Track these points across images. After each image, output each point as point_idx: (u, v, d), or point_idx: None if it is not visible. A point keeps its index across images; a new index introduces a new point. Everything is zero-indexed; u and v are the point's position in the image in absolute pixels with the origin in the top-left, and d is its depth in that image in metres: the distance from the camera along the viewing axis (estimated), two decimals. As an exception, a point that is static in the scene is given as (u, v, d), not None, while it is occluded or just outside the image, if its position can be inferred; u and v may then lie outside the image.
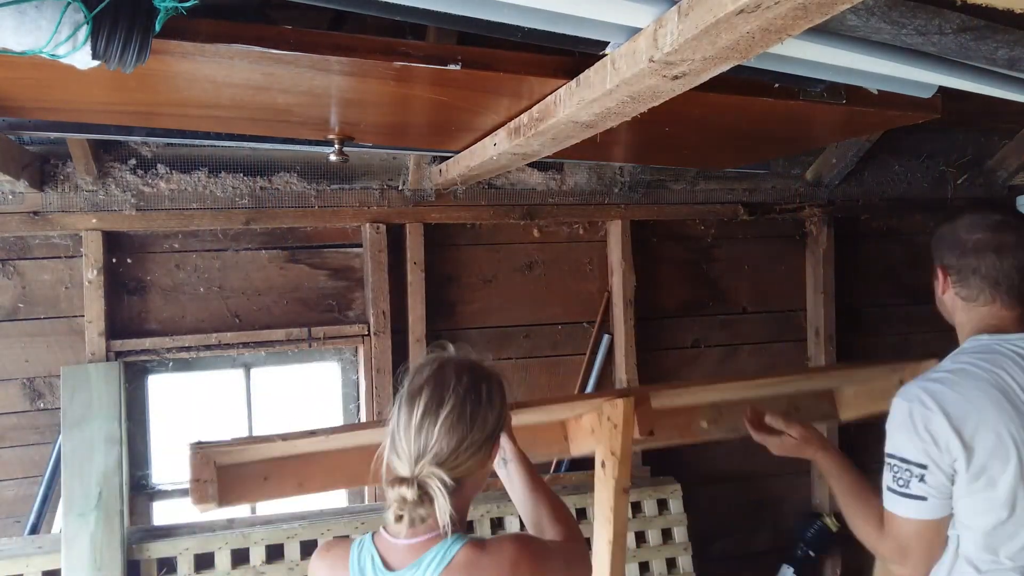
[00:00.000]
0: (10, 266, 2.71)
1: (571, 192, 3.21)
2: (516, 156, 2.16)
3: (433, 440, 1.25)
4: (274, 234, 2.95)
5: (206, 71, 1.60)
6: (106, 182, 2.70)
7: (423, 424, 1.26)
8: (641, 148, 2.69)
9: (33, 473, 2.72)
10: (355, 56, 1.52)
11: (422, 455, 1.25)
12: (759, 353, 3.54)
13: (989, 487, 1.47)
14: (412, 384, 1.32)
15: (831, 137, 2.73)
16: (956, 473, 1.48)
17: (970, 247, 1.63)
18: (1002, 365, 1.53)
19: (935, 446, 1.47)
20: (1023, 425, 1.48)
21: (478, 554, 1.26)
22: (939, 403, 1.48)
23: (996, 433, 1.47)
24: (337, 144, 2.35)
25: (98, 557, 2.50)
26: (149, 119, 2.29)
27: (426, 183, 2.98)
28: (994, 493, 1.47)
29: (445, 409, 1.26)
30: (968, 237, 1.63)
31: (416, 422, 1.27)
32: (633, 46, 1.29)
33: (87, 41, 1.22)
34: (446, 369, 1.33)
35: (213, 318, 2.89)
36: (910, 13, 1.18)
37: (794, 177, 3.51)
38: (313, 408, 3.14)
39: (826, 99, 1.84)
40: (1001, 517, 1.48)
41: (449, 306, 3.15)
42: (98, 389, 2.62)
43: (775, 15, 0.99)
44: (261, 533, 2.70)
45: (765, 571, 3.50)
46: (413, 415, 1.27)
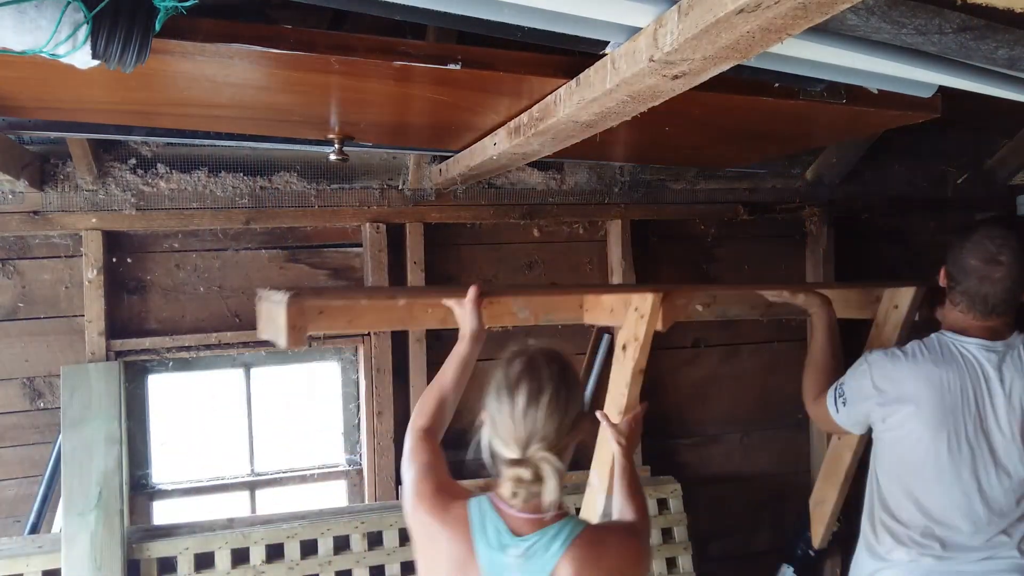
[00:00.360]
0: (10, 266, 2.71)
1: (571, 192, 3.21)
2: (516, 156, 2.16)
3: (539, 425, 1.41)
4: (274, 234, 2.95)
5: (206, 70, 1.60)
6: (106, 182, 2.70)
7: (527, 411, 1.41)
8: (641, 148, 2.70)
9: (33, 473, 2.72)
10: (355, 56, 1.52)
11: (531, 440, 1.41)
12: (759, 353, 3.54)
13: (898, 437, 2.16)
14: (508, 376, 1.47)
15: (831, 137, 2.73)
16: (869, 417, 2.22)
17: (964, 268, 2.09)
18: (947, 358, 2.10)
19: (859, 392, 2.22)
20: (938, 405, 2.07)
21: (602, 536, 1.48)
22: (872, 368, 2.19)
23: (914, 403, 2.09)
24: (337, 144, 2.35)
25: (98, 556, 2.50)
26: (149, 118, 2.30)
27: (426, 183, 2.98)
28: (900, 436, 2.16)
29: (544, 397, 1.42)
30: (966, 260, 2.09)
31: (520, 410, 1.42)
32: (633, 46, 1.29)
33: (87, 40, 1.22)
34: (537, 360, 1.48)
35: (213, 318, 2.89)
36: (910, 13, 1.18)
37: (794, 177, 3.51)
38: (313, 407, 3.14)
39: (826, 99, 1.84)
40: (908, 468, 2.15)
41: (449, 306, 3.15)
42: (98, 389, 2.62)
43: (775, 15, 0.99)
44: (261, 533, 2.70)
45: (765, 571, 3.49)
46: (515, 404, 1.43)
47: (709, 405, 3.48)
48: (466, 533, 1.45)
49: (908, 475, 2.16)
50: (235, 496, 3.01)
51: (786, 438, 3.59)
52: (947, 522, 2.11)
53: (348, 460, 3.13)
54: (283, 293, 1.96)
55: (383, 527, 2.82)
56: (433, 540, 1.51)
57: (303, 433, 3.11)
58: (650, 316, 2.27)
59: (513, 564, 1.41)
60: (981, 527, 2.10)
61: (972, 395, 2.08)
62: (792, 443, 3.59)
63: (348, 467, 3.12)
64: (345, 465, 3.13)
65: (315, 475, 3.09)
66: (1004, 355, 2.11)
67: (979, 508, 2.09)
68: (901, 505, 2.17)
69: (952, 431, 2.07)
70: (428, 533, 1.52)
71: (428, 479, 1.57)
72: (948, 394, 2.07)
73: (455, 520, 1.48)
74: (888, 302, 2.61)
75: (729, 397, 3.51)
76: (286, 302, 1.91)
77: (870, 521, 2.29)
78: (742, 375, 3.53)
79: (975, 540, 2.10)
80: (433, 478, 1.57)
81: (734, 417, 3.53)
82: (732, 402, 3.52)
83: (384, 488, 3.02)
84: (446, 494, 1.53)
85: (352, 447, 3.13)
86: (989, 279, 2.07)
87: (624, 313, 2.38)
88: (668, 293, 2.33)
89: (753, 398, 3.55)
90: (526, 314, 2.27)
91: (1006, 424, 2.09)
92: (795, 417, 3.59)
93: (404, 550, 2.81)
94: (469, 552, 1.44)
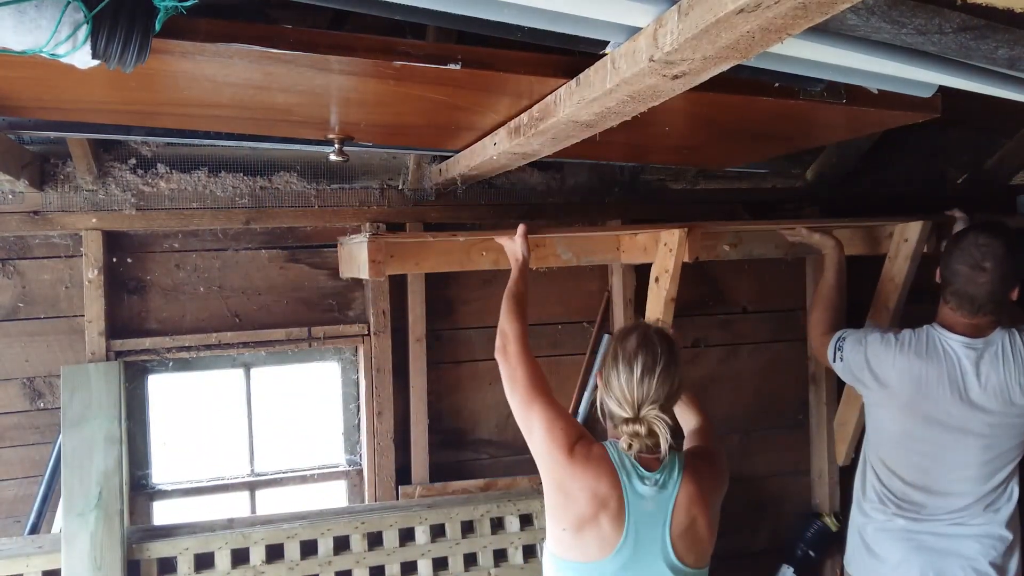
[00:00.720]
0: (10, 266, 2.71)
1: (571, 192, 3.21)
2: (516, 156, 2.16)
3: (652, 390, 1.72)
4: (274, 234, 2.95)
5: (206, 70, 1.60)
6: (106, 181, 2.70)
7: (643, 379, 1.72)
8: (641, 148, 2.70)
9: (33, 473, 2.72)
10: (355, 55, 1.52)
11: (644, 402, 1.72)
12: (759, 352, 3.55)
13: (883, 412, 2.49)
14: (625, 348, 1.76)
15: (831, 136, 2.73)
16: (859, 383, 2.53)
17: (954, 271, 2.31)
18: (931, 352, 2.36)
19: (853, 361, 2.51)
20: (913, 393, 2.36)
21: (696, 459, 1.89)
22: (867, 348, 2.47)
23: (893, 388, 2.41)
24: (337, 144, 2.35)
25: (98, 557, 2.50)
26: (149, 118, 2.29)
27: (426, 183, 2.98)
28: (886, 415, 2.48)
29: (659, 367, 1.72)
30: (955, 264, 2.31)
31: (637, 377, 1.72)
32: (633, 45, 1.28)
33: (87, 40, 1.22)
34: (651, 336, 1.78)
35: (213, 318, 2.89)
36: (910, 12, 1.17)
37: (794, 176, 3.51)
38: (313, 408, 3.14)
39: (826, 98, 1.84)
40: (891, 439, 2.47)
41: (449, 306, 3.16)
42: (98, 389, 2.62)
43: (775, 14, 0.99)
44: (261, 533, 2.70)
45: (765, 571, 3.50)
46: (633, 372, 1.73)
47: (709, 405, 3.44)
48: (612, 471, 1.74)
49: (885, 446, 2.50)
50: (235, 496, 3.01)
51: (786, 438, 3.59)
52: (924, 488, 2.42)
53: (348, 460, 3.13)
54: (363, 235, 2.39)
55: (383, 527, 2.82)
56: (577, 480, 1.75)
57: (303, 433, 3.11)
58: (678, 249, 2.57)
59: (649, 493, 1.75)
60: (953, 498, 2.40)
61: (947, 385, 2.34)
62: (792, 443, 3.59)
63: (348, 467, 3.12)
64: (345, 465, 3.13)
65: (315, 475, 3.10)
66: (983, 352, 2.34)
67: (950, 482, 2.39)
68: (882, 469, 2.51)
69: (924, 415, 2.37)
70: (573, 476, 1.76)
71: (564, 420, 1.83)
72: (924, 385, 2.36)
73: (599, 460, 1.76)
74: (899, 236, 2.90)
75: (729, 397, 3.51)
76: (367, 240, 2.39)
77: (861, 478, 2.61)
78: (742, 375, 3.53)
79: (948, 506, 2.40)
80: (566, 419, 1.84)
81: (734, 417, 3.53)
82: (732, 402, 3.52)
83: (384, 488, 3.02)
84: (584, 438, 1.80)
85: (352, 447, 3.13)
86: (974, 282, 2.28)
87: (656, 250, 2.68)
88: (692, 228, 2.60)
89: (753, 398, 3.55)
90: (569, 255, 2.50)
91: (979, 412, 2.34)
92: (795, 417, 3.60)
93: (404, 550, 2.82)
94: (616, 486, 1.74)
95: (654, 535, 1.75)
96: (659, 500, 1.76)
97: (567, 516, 1.76)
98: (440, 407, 3.14)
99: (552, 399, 1.87)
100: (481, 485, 3.13)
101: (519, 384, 1.90)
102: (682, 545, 1.76)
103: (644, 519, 1.74)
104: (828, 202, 3.50)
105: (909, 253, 2.86)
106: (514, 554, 2.92)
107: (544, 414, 1.83)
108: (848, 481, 3.54)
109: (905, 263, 2.88)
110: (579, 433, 1.82)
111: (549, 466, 1.80)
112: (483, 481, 3.14)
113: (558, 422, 1.81)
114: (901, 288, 2.89)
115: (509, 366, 1.95)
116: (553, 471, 1.79)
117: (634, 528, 1.74)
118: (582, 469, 1.75)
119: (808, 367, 3.57)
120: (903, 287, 2.89)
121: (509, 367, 1.95)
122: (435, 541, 2.86)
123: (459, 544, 2.88)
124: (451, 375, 3.16)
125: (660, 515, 1.76)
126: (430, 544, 2.85)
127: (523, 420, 1.88)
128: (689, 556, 1.78)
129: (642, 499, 1.75)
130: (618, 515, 1.73)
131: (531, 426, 1.85)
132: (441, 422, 3.14)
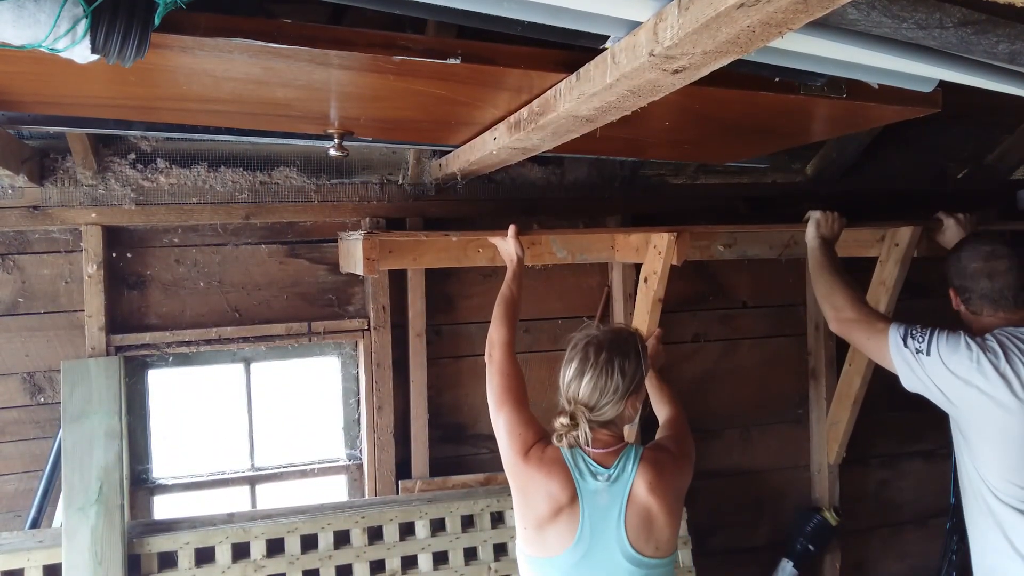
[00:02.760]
0: (10, 261, 2.71)
1: (571, 187, 3.21)
2: (516, 151, 2.16)
3: (579, 393, 1.84)
4: (274, 229, 2.95)
5: (205, 65, 1.60)
6: (106, 176, 2.70)
7: (571, 383, 1.86)
8: (641, 143, 2.69)
9: (33, 468, 2.72)
10: (354, 50, 1.52)
11: (572, 401, 1.85)
12: (759, 347, 3.55)
13: None
14: (569, 353, 1.91)
15: (832, 131, 2.72)
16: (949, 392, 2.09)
17: (970, 274, 2.16)
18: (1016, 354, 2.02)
19: (957, 364, 2.04)
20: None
21: (657, 452, 1.93)
22: (980, 353, 2.04)
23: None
24: (337, 138, 2.34)
25: (99, 551, 2.51)
26: (149, 113, 2.29)
27: (426, 178, 2.97)
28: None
29: (586, 377, 1.84)
30: (968, 267, 2.17)
31: (567, 381, 1.88)
32: (633, 40, 1.28)
33: (86, 35, 1.22)
34: (589, 349, 1.87)
35: (213, 313, 2.90)
36: (911, 7, 1.17)
37: (795, 171, 3.50)
38: (313, 402, 3.14)
39: (827, 93, 1.84)
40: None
41: (449, 301, 3.16)
42: (98, 383, 2.62)
43: (775, 9, 0.99)
44: (261, 527, 2.70)
45: (765, 565, 3.51)
46: (565, 375, 1.88)
47: (709, 400, 3.49)
48: (565, 471, 1.82)
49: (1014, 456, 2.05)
50: (235, 491, 3.02)
51: (785, 433, 3.59)
52: None
53: (348, 455, 3.13)
54: (360, 232, 2.48)
55: (383, 522, 2.83)
56: (532, 481, 1.84)
57: (303, 428, 3.12)
58: (666, 252, 2.62)
59: (602, 487, 1.82)
60: None
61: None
62: (791, 438, 3.59)
63: (348, 462, 3.12)
64: (345, 460, 3.13)
65: (315, 470, 3.10)
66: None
67: None
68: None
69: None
70: (530, 478, 1.85)
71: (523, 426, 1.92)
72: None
73: (552, 461, 1.84)
74: (890, 240, 2.94)
75: (729, 392, 3.52)
76: (362, 237, 2.46)
77: (989, 515, 2.11)
78: (742, 370, 3.53)
79: None
80: (526, 425, 1.92)
81: (734, 412, 3.53)
82: (732, 397, 3.52)
83: (384, 483, 3.03)
84: (541, 441, 1.89)
85: (352, 442, 3.13)
86: (998, 272, 2.14)
87: (647, 250, 2.73)
88: (682, 232, 2.64)
89: (753, 393, 3.55)
90: (564, 253, 2.53)
91: None
92: (795, 412, 3.60)
93: (404, 544, 2.82)
94: (568, 485, 1.81)
95: (608, 528, 1.82)
96: (612, 493, 1.83)
97: (528, 516, 1.87)
98: (440, 402, 3.15)
99: (519, 406, 1.96)
100: (481, 480, 3.13)
101: (493, 392, 2.02)
102: (638, 536, 1.82)
103: (598, 513, 1.82)
104: (828, 197, 3.50)
105: (900, 257, 2.89)
106: (514, 548, 2.92)
107: (507, 420, 1.94)
108: (846, 475, 3.56)
109: (896, 267, 2.91)
110: (538, 437, 1.90)
111: (509, 470, 1.91)
112: (483, 475, 3.15)
113: (517, 428, 1.91)
114: (892, 291, 2.92)
115: (489, 372, 2.06)
116: (513, 474, 1.90)
117: (589, 523, 1.81)
118: (536, 470, 1.84)
119: (808, 362, 3.57)
120: (894, 290, 2.92)
121: (489, 373, 2.06)
122: (435, 535, 2.87)
123: (459, 538, 2.88)
124: (451, 370, 3.16)
125: (614, 508, 1.82)
126: (430, 538, 2.85)
127: (494, 426, 1.99)
128: (647, 546, 1.83)
129: (595, 494, 1.82)
130: (573, 512, 1.81)
131: (498, 432, 1.96)
132: (441, 417, 3.15)
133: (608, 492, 1.83)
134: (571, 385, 1.87)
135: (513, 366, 2.05)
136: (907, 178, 3.62)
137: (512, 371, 2.03)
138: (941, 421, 2.32)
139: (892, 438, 3.73)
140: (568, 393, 1.88)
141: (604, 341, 1.89)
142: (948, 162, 3.69)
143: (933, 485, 3.75)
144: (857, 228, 2.94)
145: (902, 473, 3.78)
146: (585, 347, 1.89)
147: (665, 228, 2.65)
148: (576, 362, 1.88)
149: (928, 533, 3.75)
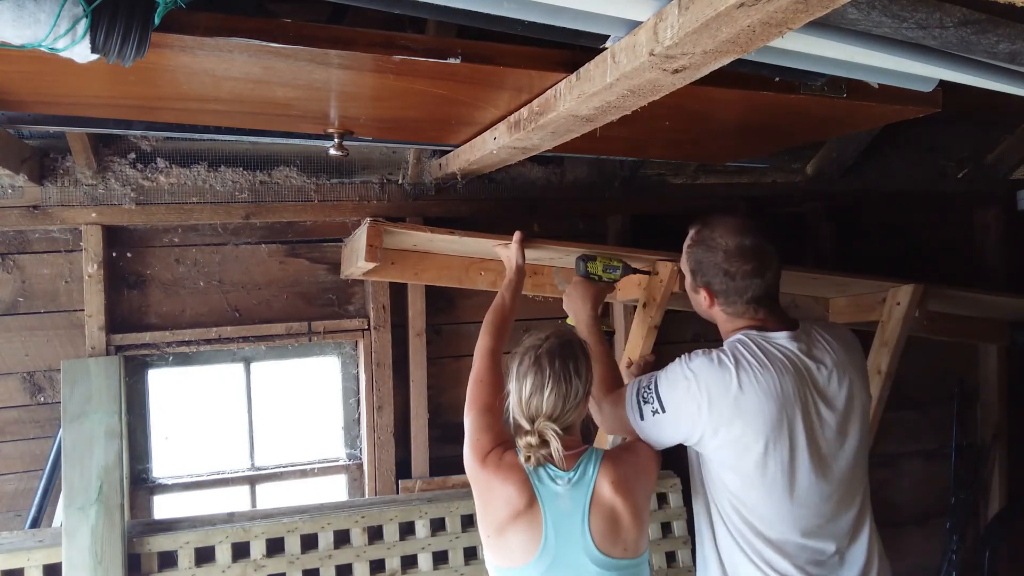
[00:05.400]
0: (10, 260, 2.71)
1: (571, 186, 3.20)
2: (516, 150, 2.16)
3: (543, 407, 1.78)
4: (274, 228, 2.95)
5: (205, 64, 1.60)
6: (106, 176, 2.70)
7: (531, 399, 1.79)
8: (641, 142, 2.69)
9: (33, 467, 2.73)
10: (354, 50, 1.52)
11: (536, 416, 1.78)
12: (759, 347, 3.54)
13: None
14: (519, 368, 1.83)
15: (832, 131, 2.72)
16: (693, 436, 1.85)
17: (734, 274, 1.83)
18: (775, 364, 1.78)
19: (686, 406, 1.83)
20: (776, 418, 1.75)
21: (615, 455, 1.87)
22: (698, 378, 1.80)
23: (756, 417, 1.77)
24: (337, 138, 2.34)
25: (99, 551, 2.51)
26: (149, 113, 2.29)
27: (426, 177, 2.97)
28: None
29: (547, 390, 1.78)
30: (731, 268, 1.84)
31: (526, 397, 1.80)
32: (633, 40, 1.28)
33: (86, 34, 1.22)
34: (542, 359, 1.81)
35: (213, 312, 2.90)
36: (911, 7, 1.17)
37: (795, 171, 3.50)
38: (313, 402, 3.14)
39: (827, 93, 1.84)
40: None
41: (449, 300, 3.16)
42: (98, 383, 2.62)
43: (775, 8, 0.99)
44: (261, 527, 2.70)
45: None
46: (522, 391, 1.81)
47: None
48: (523, 476, 1.78)
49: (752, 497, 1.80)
50: (235, 490, 3.02)
51: (786, 433, 3.58)
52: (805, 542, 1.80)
53: (348, 454, 3.13)
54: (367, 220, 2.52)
55: (383, 521, 2.83)
56: (490, 487, 1.81)
57: (303, 428, 3.12)
58: (668, 281, 2.64)
59: (563, 491, 1.78)
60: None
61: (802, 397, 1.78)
62: (792, 438, 3.59)
63: (348, 461, 3.13)
64: (345, 459, 3.13)
65: (315, 469, 3.10)
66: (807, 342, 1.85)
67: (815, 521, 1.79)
68: (770, 528, 1.80)
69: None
70: (487, 483, 1.81)
71: (482, 431, 1.88)
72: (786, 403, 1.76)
73: (510, 467, 1.79)
74: (891, 300, 2.88)
75: (729, 392, 3.51)
76: (367, 224, 2.49)
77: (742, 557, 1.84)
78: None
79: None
80: (485, 431, 1.88)
81: (734, 412, 3.52)
82: (732, 397, 3.51)
83: (384, 482, 3.03)
84: (500, 447, 1.84)
85: (352, 441, 3.14)
86: (760, 271, 1.85)
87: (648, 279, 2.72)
88: None
89: (753, 393, 3.54)
90: (565, 286, 2.48)
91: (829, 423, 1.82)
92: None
93: (404, 544, 2.82)
94: (526, 490, 1.77)
95: (572, 531, 1.77)
96: (574, 496, 1.78)
97: (487, 522, 1.83)
98: (440, 401, 3.15)
99: (483, 412, 1.92)
100: (481, 479, 3.13)
101: (467, 398, 1.98)
102: (604, 538, 1.77)
103: (561, 518, 1.77)
104: (828, 197, 3.50)
105: (901, 316, 2.85)
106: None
107: (469, 425, 1.91)
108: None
109: (898, 326, 2.85)
110: (497, 442, 1.85)
111: (469, 475, 1.88)
112: (483, 475, 3.14)
113: (476, 433, 1.88)
114: (893, 351, 2.85)
115: (469, 380, 2.01)
116: (472, 480, 1.87)
117: (552, 528, 1.76)
118: (493, 475, 1.80)
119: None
120: (896, 349, 2.86)
121: (469, 380, 2.01)
122: (435, 535, 2.87)
123: (459, 538, 2.88)
124: (451, 369, 3.16)
125: (577, 511, 1.78)
126: (430, 538, 2.85)
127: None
128: (615, 548, 1.78)
129: (557, 498, 1.77)
130: (535, 518, 1.76)
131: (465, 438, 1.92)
132: (441, 416, 3.15)
133: (570, 496, 1.78)
134: (532, 401, 1.80)
135: (490, 373, 1.99)
136: (907, 178, 3.62)
137: (488, 379, 1.98)
138: (941, 421, 2.31)
139: (892, 438, 3.72)
140: (529, 411, 1.80)
141: (554, 348, 1.82)
142: (948, 162, 3.69)
143: (933, 485, 3.75)
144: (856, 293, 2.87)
145: (902, 473, 3.78)
146: (537, 359, 1.81)
147: (648, 252, 2.65)
148: (532, 376, 1.81)
149: (928, 533, 3.75)
